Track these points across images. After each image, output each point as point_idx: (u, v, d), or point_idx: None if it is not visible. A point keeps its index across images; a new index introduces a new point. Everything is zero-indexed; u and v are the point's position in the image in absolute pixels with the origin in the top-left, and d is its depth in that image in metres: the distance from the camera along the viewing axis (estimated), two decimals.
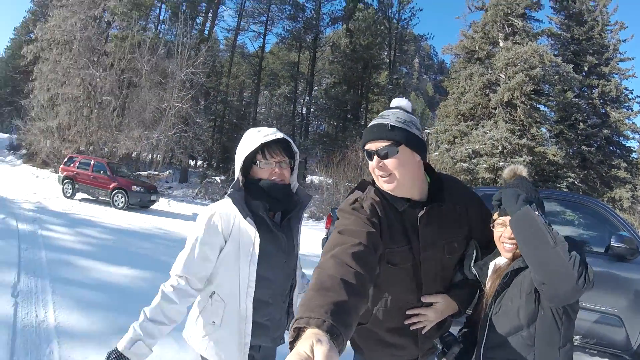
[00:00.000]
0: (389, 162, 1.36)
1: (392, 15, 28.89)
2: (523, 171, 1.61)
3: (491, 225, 1.50)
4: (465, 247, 1.51)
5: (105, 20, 22.74)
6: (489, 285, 1.52)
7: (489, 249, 1.53)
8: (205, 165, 26.42)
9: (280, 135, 1.57)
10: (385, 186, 1.40)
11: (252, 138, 1.55)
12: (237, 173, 1.58)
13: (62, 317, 3.68)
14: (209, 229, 1.53)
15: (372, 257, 1.21)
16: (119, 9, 22.13)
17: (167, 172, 20.01)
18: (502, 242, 1.46)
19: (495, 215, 1.49)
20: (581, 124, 19.65)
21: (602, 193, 19.24)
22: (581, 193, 16.97)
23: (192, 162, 25.61)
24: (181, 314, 1.53)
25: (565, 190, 17.22)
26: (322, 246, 5.38)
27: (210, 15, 25.10)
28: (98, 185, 13.67)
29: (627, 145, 21.21)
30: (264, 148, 1.55)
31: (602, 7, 21.70)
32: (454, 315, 1.53)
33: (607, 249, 3.79)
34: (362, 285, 1.06)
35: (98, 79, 20.18)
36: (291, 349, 0.76)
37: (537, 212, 1.34)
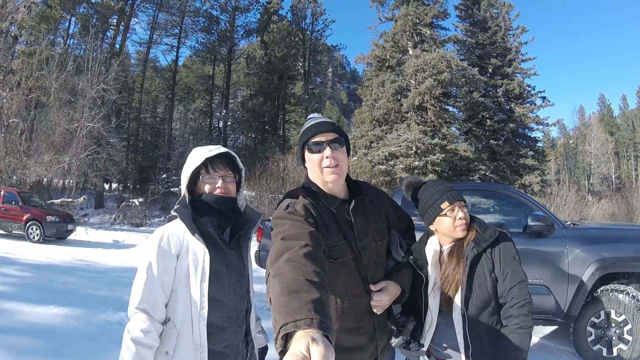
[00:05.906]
0: (338, 153, 1.48)
1: (306, 27, 30.09)
2: (419, 179, 1.89)
3: (442, 215, 1.72)
4: (387, 236, 1.65)
5: (12, 34, 21.34)
6: (451, 269, 1.72)
7: (406, 235, 1.75)
8: (121, 188, 25.51)
9: (223, 150, 1.60)
10: (330, 177, 1.48)
11: (197, 155, 1.57)
12: (183, 190, 1.59)
13: None
14: (162, 252, 1.49)
15: (321, 254, 1.26)
16: (27, 22, 21.05)
17: (82, 198, 19.14)
18: (455, 225, 1.70)
19: (444, 205, 1.71)
20: (488, 120, 21.86)
21: (512, 181, 21.38)
22: (493, 182, 18.58)
23: (107, 186, 24.68)
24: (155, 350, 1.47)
25: (478, 182, 18.60)
26: (256, 259, 5.54)
27: (121, 28, 24.40)
28: (10, 218, 12.98)
29: (532, 136, 23.99)
30: (208, 163, 1.56)
31: (504, 13, 24.27)
32: (399, 298, 1.61)
33: (525, 228, 4.25)
34: (324, 281, 1.11)
35: (5, 100, 18.95)
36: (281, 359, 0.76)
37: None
